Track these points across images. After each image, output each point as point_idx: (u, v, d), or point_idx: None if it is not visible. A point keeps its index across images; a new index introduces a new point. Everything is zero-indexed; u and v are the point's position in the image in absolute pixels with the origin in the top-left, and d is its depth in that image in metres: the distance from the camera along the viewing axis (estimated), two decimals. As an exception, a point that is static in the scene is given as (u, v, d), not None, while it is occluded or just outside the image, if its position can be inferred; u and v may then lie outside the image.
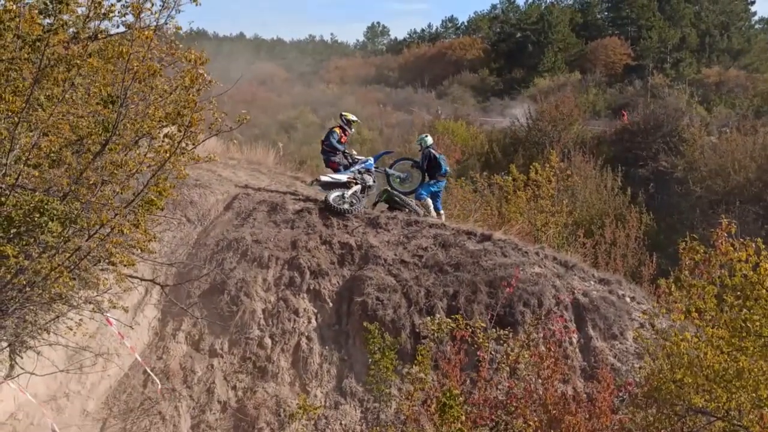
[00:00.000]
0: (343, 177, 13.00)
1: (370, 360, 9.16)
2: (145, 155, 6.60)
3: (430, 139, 14.13)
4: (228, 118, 7.29)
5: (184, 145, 6.58)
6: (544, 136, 32.48)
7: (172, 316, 11.13)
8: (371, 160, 13.62)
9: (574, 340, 10.30)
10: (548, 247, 13.07)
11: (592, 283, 11.32)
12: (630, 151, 30.76)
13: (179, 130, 6.56)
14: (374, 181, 13.49)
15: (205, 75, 6.88)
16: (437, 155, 13.79)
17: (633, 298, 11.10)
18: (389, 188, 13.59)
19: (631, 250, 18.34)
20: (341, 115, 13.94)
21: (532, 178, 19.16)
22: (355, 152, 13.83)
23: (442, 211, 14.08)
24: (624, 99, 51.19)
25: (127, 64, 6.18)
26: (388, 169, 13.91)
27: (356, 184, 13.03)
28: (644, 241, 18.79)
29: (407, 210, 13.29)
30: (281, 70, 75.42)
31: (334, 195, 12.63)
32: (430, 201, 13.70)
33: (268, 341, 10.85)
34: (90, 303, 7.76)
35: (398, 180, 13.89)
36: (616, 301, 10.84)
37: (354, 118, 13.80)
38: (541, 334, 9.37)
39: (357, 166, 13.27)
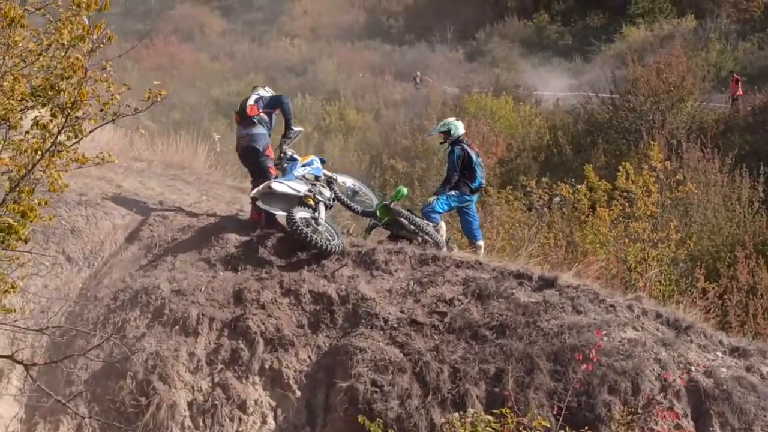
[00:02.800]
0: (302, 188, 13.00)
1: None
2: (-2, 155, 6.62)
3: (461, 127, 14.19)
4: (132, 94, 7.31)
5: (62, 138, 6.59)
6: (638, 119, 32.55)
7: (42, 415, 11.04)
8: (317, 162, 13.67)
9: (692, 448, 10.24)
10: (648, 297, 13.01)
11: (720, 355, 11.26)
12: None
13: (54, 115, 6.57)
14: (332, 199, 13.57)
15: (98, 26, 6.92)
16: (473, 155, 13.84)
17: (786, 379, 11.06)
18: (388, 204, 13.59)
19: (783, 302, 18.30)
20: (263, 87, 14.10)
21: (620, 186, 19.17)
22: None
23: (480, 242, 14.09)
24: (766, 58, 51.26)
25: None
26: (332, 174, 13.93)
27: (317, 201, 13.02)
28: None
29: (421, 239, 13.29)
30: (216, 18, 75.84)
31: (299, 215, 12.60)
32: (443, 226, 13.73)
33: (197, 454, 10.81)
34: None
35: (348, 192, 13.93)
36: (759, 384, 10.79)
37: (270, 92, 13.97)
38: (639, 439, 9.30)
39: (298, 171, 13.28)
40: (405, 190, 14.03)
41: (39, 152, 6.50)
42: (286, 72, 55.58)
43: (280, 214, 12.76)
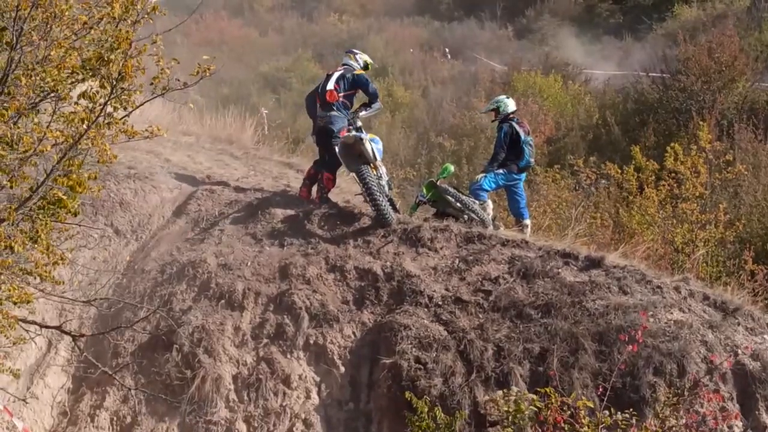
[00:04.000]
0: (378, 155, 13.06)
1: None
2: (48, 126, 6.64)
3: (512, 104, 14.17)
4: (181, 68, 7.32)
5: (110, 110, 6.61)
6: (689, 99, 32.17)
7: (89, 386, 11.16)
8: (380, 142, 13.58)
9: (738, 430, 10.16)
10: (695, 279, 12.89)
11: (767, 338, 11.16)
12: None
13: (103, 87, 6.59)
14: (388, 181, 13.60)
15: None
16: (521, 132, 13.77)
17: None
18: (434, 182, 13.57)
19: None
20: (354, 53, 13.99)
21: (669, 167, 18.99)
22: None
23: (527, 220, 14.03)
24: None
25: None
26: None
27: (380, 176, 13.07)
28: None
29: (467, 217, 13.25)
30: (266, -7, 75.92)
31: (370, 176, 12.61)
32: (490, 204, 13.70)
33: (242, 427, 10.87)
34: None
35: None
36: (808, 367, 10.68)
37: (369, 60, 13.94)
38: (684, 420, 9.23)
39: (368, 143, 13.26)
40: (452, 168, 13.99)
41: (87, 123, 6.51)
42: (334, 48, 55.27)
43: (356, 168, 12.70)
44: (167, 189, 13.62)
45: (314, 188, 13.62)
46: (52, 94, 6.79)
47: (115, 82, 6.46)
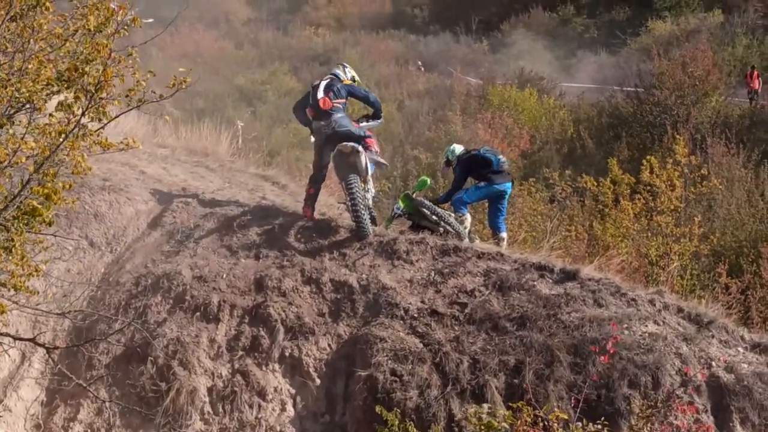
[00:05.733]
0: (370, 169, 13.21)
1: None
2: (23, 137, 6.63)
3: (457, 147, 14.70)
4: (156, 81, 7.32)
5: (86, 121, 6.60)
6: (663, 113, 32.44)
7: (63, 398, 11.10)
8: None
9: (712, 443, 10.20)
10: (670, 292, 12.95)
11: (741, 350, 11.22)
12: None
13: (77, 98, 6.58)
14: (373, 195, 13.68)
15: (125, 10, 6.93)
16: (474, 152, 14.12)
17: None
18: (410, 194, 13.64)
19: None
20: (345, 66, 13.94)
21: (644, 180, 19.11)
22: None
23: (504, 233, 14.10)
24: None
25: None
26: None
27: (367, 190, 13.17)
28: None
29: (442, 230, 13.28)
30: (241, 6, 75.89)
31: (358, 187, 12.67)
32: (469, 218, 13.81)
33: (216, 440, 10.83)
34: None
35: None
36: (781, 380, 10.75)
37: (356, 76, 13.92)
38: (658, 432, 9.28)
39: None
40: (428, 181, 14.09)
41: (63, 134, 6.51)
42: (309, 61, 55.56)
43: (346, 178, 12.71)
44: (142, 201, 13.57)
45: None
46: (27, 106, 6.78)
47: (93, 92, 6.45)
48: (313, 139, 13.50)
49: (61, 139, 6.48)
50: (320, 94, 13.14)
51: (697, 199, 20.93)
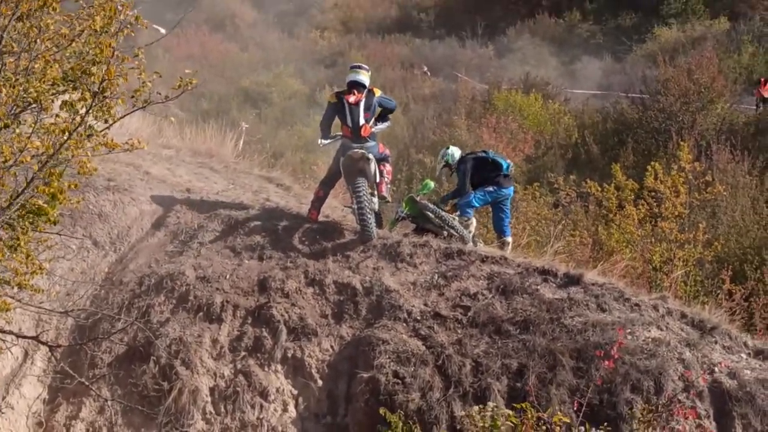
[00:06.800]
0: (378, 177, 13.20)
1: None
2: (28, 137, 6.64)
3: (456, 151, 14.56)
4: (162, 82, 7.34)
5: (91, 121, 6.62)
6: (668, 119, 32.37)
7: (65, 397, 11.11)
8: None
9: (714, 449, 10.20)
10: (673, 297, 12.95)
11: (744, 356, 11.22)
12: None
13: (84, 98, 6.60)
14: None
15: (129, 11, 6.95)
16: (481, 154, 14.05)
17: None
18: (415, 197, 13.64)
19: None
20: (366, 69, 13.55)
21: (648, 186, 19.09)
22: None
23: (508, 237, 14.10)
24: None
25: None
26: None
27: (373, 194, 13.20)
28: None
29: (446, 233, 13.29)
30: (247, 9, 75.85)
31: (366, 191, 12.69)
32: (474, 222, 13.79)
33: (218, 440, 10.84)
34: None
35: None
36: (783, 386, 10.74)
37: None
38: (660, 438, 9.28)
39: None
40: (432, 184, 14.05)
41: (68, 134, 6.52)
42: (315, 64, 55.49)
43: (354, 183, 12.69)
44: (146, 201, 13.57)
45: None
46: (34, 105, 6.79)
47: (98, 90, 6.46)
48: (324, 142, 13.45)
49: (65, 137, 6.49)
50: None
51: (702, 205, 20.86)
